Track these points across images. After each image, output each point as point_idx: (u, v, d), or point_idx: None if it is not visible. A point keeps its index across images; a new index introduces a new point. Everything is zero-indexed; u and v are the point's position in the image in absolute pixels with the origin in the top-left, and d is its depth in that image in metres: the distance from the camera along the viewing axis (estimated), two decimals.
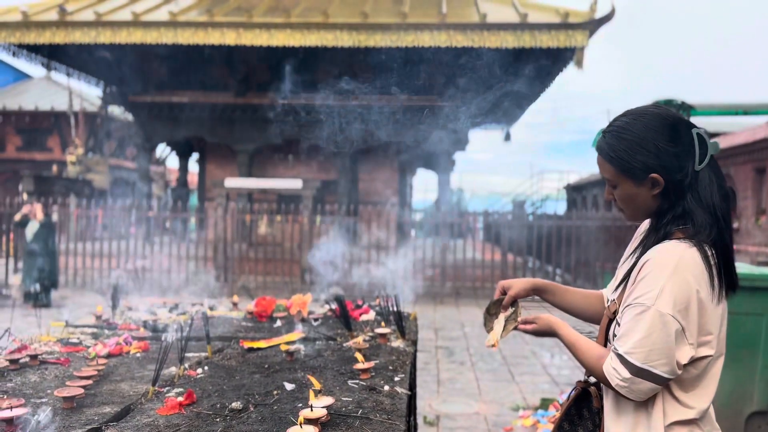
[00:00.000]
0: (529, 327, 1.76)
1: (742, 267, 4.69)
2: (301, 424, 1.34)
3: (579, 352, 1.60)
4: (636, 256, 1.56)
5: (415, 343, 2.51)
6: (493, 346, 1.78)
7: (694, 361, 1.43)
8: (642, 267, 1.45)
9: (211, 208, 12.06)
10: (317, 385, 1.61)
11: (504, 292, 1.83)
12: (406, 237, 12.70)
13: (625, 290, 1.51)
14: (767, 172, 8.16)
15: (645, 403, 1.47)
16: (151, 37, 11.53)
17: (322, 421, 1.47)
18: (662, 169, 1.46)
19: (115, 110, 17.46)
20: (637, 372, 1.40)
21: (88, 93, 20.04)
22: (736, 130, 10.43)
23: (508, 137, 18.21)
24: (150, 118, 13.56)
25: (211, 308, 3.06)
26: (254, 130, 13.75)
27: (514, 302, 1.83)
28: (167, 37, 11.53)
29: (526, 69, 12.85)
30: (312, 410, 1.45)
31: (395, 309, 2.52)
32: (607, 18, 11.30)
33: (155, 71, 13.43)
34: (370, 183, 14.35)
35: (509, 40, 11.32)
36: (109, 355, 2.10)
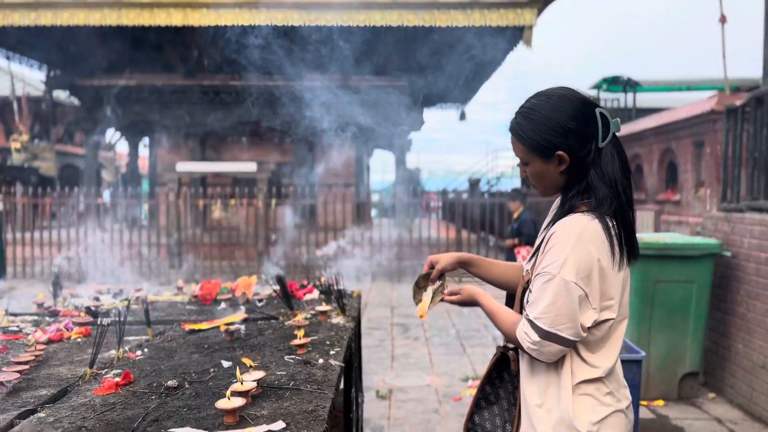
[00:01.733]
0: (454, 298, 1.86)
1: (675, 237, 4.94)
2: (229, 396, 1.41)
3: (497, 319, 1.72)
4: (547, 229, 1.67)
5: (355, 319, 2.59)
6: (421, 316, 1.87)
7: (597, 324, 1.55)
8: (549, 238, 1.56)
9: (162, 194, 11.89)
10: (248, 363, 1.67)
11: (432, 267, 1.93)
12: (364, 218, 12.77)
13: (536, 261, 1.62)
14: (706, 146, 8.48)
15: (555, 365, 1.59)
16: (94, 19, 11.19)
17: (252, 393, 1.54)
18: (567, 147, 1.56)
19: (61, 95, 16.91)
20: (546, 335, 1.51)
21: (31, 77, 19.33)
22: (679, 105, 10.80)
23: (463, 116, 18.39)
24: (97, 103, 13.21)
25: (156, 293, 3.08)
26: (206, 113, 13.56)
27: (441, 276, 1.92)
28: (111, 19, 11.21)
29: (477, 48, 12.99)
30: (242, 383, 1.52)
31: (335, 288, 2.60)
32: None
33: (101, 54, 13.03)
34: (326, 164, 14.33)
35: (459, 19, 11.40)
36: (49, 341, 2.12)
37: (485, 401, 1.86)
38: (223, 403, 1.39)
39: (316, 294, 2.98)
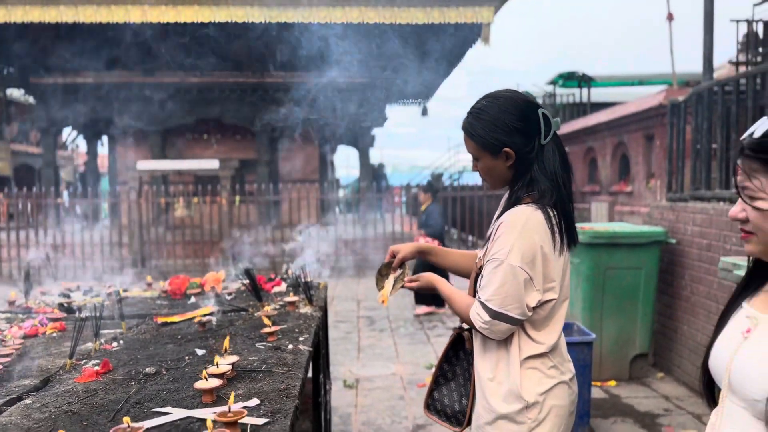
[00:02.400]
0: (414, 284, 2.01)
1: (623, 226, 5.21)
2: (206, 377, 1.53)
3: (453, 303, 1.88)
4: (496, 219, 1.85)
5: (322, 309, 2.73)
6: (383, 302, 2.02)
7: (541, 304, 1.72)
8: (497, 228, 1.73)
9: (123, 192, 11.76)
10: (227, 344, 1.80)
11: (393, 256, 2.07)
12: (329, 214, 12.86)
13: (487, 248, 1.79)
14: (655, 139, 8.85)
15: (505, 342, 1.76)
16: (50, 16, 10.98)
17: (227, 376, 1.67)
18: (513, 144, 1.73)
19: (15, 93, 16.49)
20: (495, 315, 1.68)
21: None
22: (632, 100, 11.20)
23: (425, 112, 18.61)
24: (54, 101, 12.95)
25: (126, 289, 3.15)
26: (166, 110, 13.42)
27: (402, 264, 2.07)
28: (67, 16, 11.03)
29: (437, 45, 13.20)
30: (218, 366, 1.64)
31: (304, 279, 2.73)
32: None
33: (58, 51, 12.79)
34: (290, 161, 14.36)
35: (419, 17, 11.58)
36: (25, 337, 2.20)
37: (443, 378, 2.02)
38: (201, 384, 1.51)
39: (283, 287, 3.10)
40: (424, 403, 2.07)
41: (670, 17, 8.70)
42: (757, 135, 1.13)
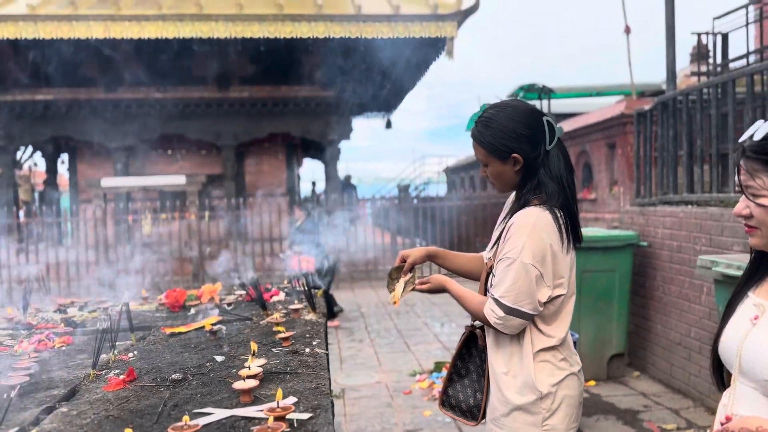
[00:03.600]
0: (424, 287, 2.10)
1: (597, 231, 5.41)
2: (244, 378, 1.58)
3: (465, 302, 1.97)
4: (505, 221, 1.96)
5: (324, 315, 2.78)
6: (395, 303, 2.10)
7: (551, 299, 1.83)
8: (508, 229, 1.84)
9: (88, 210, 11.53)
10: (254, 347, 1.84)
11: (404, 260, 2.16)
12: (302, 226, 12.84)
13: (498, 249, 1.89)
14: (617, 147, 9.17)
15: (517, 337, 1.86)
16: (8, 32, 10.77)
17: (258, 378, 1.71)
18: (521, 150, 1.85)
19: None
20: (509, 311, 1.78)
21: None
22: (592, 110, 11.58)
23: (389, 125, 18.81)
24: (12, 119, 12.64)
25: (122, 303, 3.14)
26: (129, 126, 13.22)
27: (412, 268, 2.16)
28: (27, 32, 10.83)
29: (402, 58, 13.40)
30: (250, 369, 1.69)
31: (305, 287, 2.78)
32: (473, 9, 12.04)
33: (16, 68, 12.50)
34: (257, 175, 14.31)
35: (384, 31, 11.76)
36: (36, 351, 2.19)
37: (457, 375, 2.11)
38: (239, 385, 1.56)
39: (281, 296, 3.14)
40: (438, 401, 2.15)
41: (627, 30, 9.07)
42: (757, 137, 1.25)
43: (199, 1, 11.57)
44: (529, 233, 1.78)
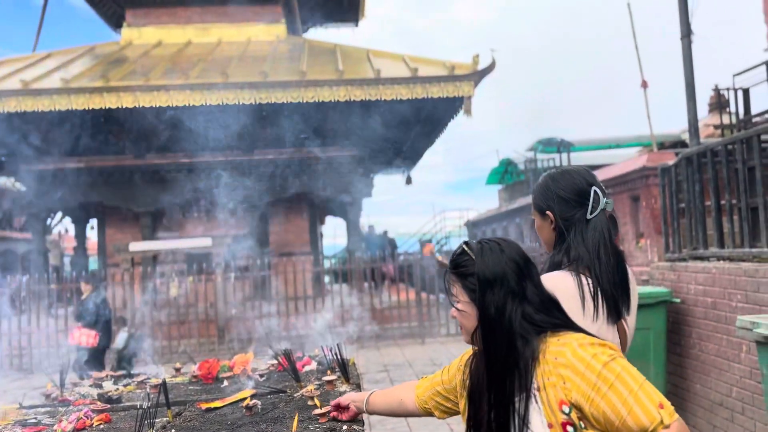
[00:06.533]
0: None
1: None
2: None
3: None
4: None
5: (359, 386, 2.76)
6: None
7: None
8: None
9: (117, 274, 11.68)
10: (295, 426, 1.83)
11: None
12: (321, 285, 12.85)
13: None
14: (641, 200, 9.12)
15: None
16: (43, 105, 11.25)
17: None
18: (554, 209, 1.89)
19: (3, 180, 16.56)
20: None
21: None
22: (612, 162, 11.61)
23: (409, 181, 19.00)
24: (44, 187, 13.02)
25: (155, 375, 3.15)
26: (156, 191, 13.53)
27: None
28: (60, 104, 11.30)
29: (421, 118, 13.66)
30: None
31: (338, 357, 2.77)
32: (489, 69, 12.31)
33: (49, 138, 12.99)
34: (281, 234, 14.44)
35: (403, 93, 12.04)
36: (75, 430, 2.20)
37: None
38: None
39: (313, 365, 3.13)
40: None
41: (644, 85, 9.18)
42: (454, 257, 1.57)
43: (225, 71, 12.00)
44: None
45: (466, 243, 1.58)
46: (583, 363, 1.37)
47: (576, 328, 1.50)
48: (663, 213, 5.62)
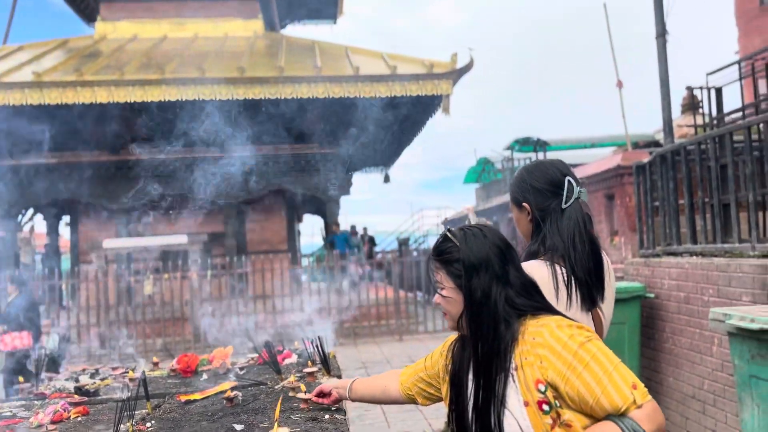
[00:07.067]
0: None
1: None
2: None
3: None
4: None
5: (339, 377, 2.76)
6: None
7: None
8: None
9: (91, 272, 11.49)
10: (278, 412, 1.83)
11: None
12: (298, 283, 12.80)
13: None
14: (616, 198, 9.26)
15: None
16: (14, 99, 11.02)
17: None
18: (531, 201, 1.92)
19: None
20: None
21: None
22: (587, 161, 11.75)
23: (387, 179, 19.03)
24: (16, 183, 12.76)
25: (133, 369, 3.12)
26: (131, 188, 13.34)
27: None
28: (32, 98, 11.09)
29: (399, 116, 13.68)
30: None
31: (319, 350, 2.77)
32: (467, 68, 12.38)
33: (20, 133, 12.72)
34: (258, 232, 14.34)
35: (382, 91, 12.05)
36: (53, 422, 2.17)
37: None
38: None
39: (294, 358, 3.12)
40: None
41: (619, 85, 9.31)
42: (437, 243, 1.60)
43: (201, 66, 11.88)
44: None
45: (449, 230, 1.60)
46: (560, 343, 1.39)
47: (554, 312, 1.52)
48: (638, 210, 5.71)
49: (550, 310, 1.53)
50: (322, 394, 2.14)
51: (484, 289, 1.48)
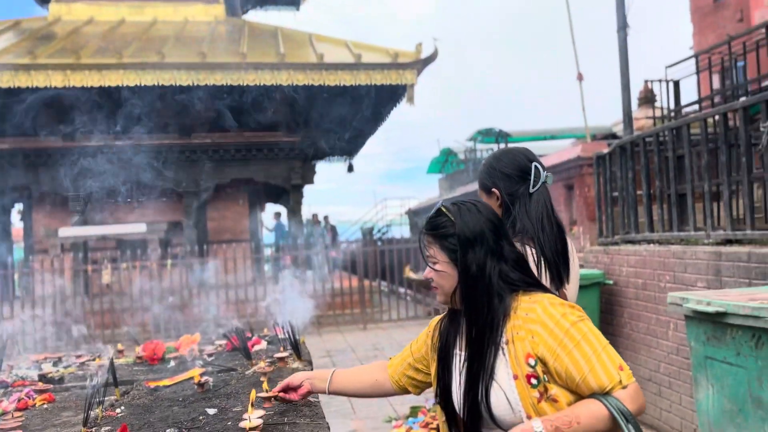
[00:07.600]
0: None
1: None
2: (248, 428, 1.57)
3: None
4: None
5: (310, 362, 2.77)
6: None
7: None
8: None
9: (44, 261, 11.16)
10: (253, 396, 1.83)
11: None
12: (261, 272, 12.70)
13: None
14: (575, 189, 9.46)
15: None
16: None
17: (258, 430, 1.70)
18: (499, 186, 1.99)
19: None
20: None
21: None
22: (547, 153, 11.96)
23: (351, 169, 18.97)
24: None
25: (99, 356, 3.06)
26: (87, 174, 12.98)
27: None
28: None
29: (363, 105, 13.65)
30: (250, 420, 1.68)
31: (290, 335, 2.77)
32: (432, 58, 12.43)
33: None
34: (219, 221, 14.16)
35: (346, 79, 12.00)
36: (17, 410, 2.12)
37: None
38: None
39: (263, 345, 3.11)
40: None
41: (580, 77, 9.49)
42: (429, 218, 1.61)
43: (161, 51, 11.62)
44: None
45: (443, 205, 1.60)
46: (553, 320, 1.44)
47: (545, 289, 1.56)
48: (597, 199, 5.87)
49: (541, 287, 1.57)
50: (288, 389, 1.97)
51: (479, 264, 1.50)
